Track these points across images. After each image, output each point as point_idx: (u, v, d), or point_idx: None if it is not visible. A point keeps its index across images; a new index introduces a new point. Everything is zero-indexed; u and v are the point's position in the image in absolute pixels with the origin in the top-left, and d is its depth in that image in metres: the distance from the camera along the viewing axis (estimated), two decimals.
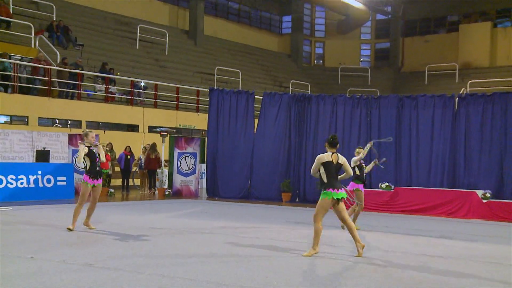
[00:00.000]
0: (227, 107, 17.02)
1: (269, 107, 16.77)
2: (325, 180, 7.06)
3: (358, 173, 9.80)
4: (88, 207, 9.00)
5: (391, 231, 10.15)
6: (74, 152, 15.93)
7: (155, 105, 21.52)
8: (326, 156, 7.19)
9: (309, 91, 28.99)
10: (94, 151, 8.90)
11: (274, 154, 16.47)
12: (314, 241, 7.05)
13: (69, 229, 8.63)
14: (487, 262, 7.10)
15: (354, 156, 10.00)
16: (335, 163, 7.16)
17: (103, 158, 8.91)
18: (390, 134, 15.46)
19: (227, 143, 16.94)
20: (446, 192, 13.68)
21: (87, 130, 9.32)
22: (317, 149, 16.08)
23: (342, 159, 7.24)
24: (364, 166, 10.13)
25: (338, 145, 7.36)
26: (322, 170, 7.09)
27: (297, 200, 16.09)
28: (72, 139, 16.06)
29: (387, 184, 14.30)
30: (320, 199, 7.09)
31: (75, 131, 17.83)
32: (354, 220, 9.61)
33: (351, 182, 9.96)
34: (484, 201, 12.95)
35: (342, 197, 7.06)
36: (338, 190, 7.04)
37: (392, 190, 14.15)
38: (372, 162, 10.67)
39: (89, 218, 8.99)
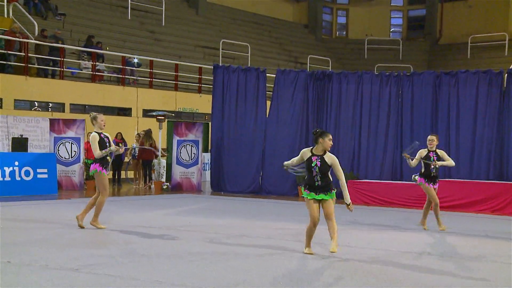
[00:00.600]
0: (234, 87, 17.03)
1: (283, 87, 16.77)
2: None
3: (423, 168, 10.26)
4: (92, 202, 9.13)
5: (426, 230, 10.11)
6: (57, 140, 16.04)
7: (151, 85, 21.58)
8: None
9: (330, 68, 28.86)
10: (104, 137, 9.16)
11: (290, 142, 16.47)
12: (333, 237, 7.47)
13: (97, 226, 9.03)
14: None
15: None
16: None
17: (113, 146, 9.15)
18: (425, 117, 15.43)
19: (235, 129, 16.96)
20: (491, 185, 13.61)
21: (95, 113, 9.54)
22: (339, 135, 16.09)
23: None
24: (430, 161, 10.03)
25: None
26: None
27: None
28: (54, 124, 16.15)
29: (417, 176, 14.22)
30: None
31: (57, 115, 17.93)
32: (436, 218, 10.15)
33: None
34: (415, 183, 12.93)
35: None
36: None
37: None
38: (404, 154, 10.39)
39: (98, 216, 9.20)
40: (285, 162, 7.86)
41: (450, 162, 10.20)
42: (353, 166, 15.90)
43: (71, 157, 16.07)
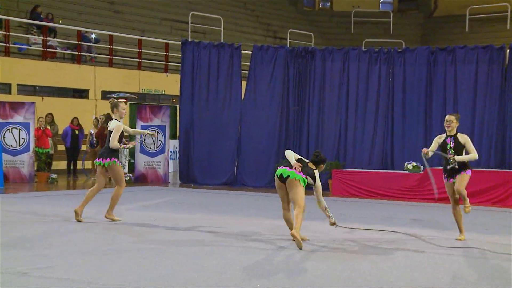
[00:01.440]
0: (205, 65, 16.97)
1: (260, 65, 16.73)
2: None
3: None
4: (91, 194, 9.66)
5: (420, 224, 10.17)
6: (2, 126, 15.80)
7: (110, 64, 21.40)
8: None
9: (313, 44, 28.83)
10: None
11: (268, 127, 16.47)
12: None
13: (113, 219, 9.57)
14: None
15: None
16: None
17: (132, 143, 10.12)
18: (419, 99, 15.53)
19: (206, 113, 16.91)
20: (492, 174, 13.76)
21: (116, 100, 10.05)
22: (323, 119, 16.14)
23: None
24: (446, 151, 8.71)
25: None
26: None
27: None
28: None
29: (414, 164, 14.35)
30: None
31: (3, 97, 17.64)
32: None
33: None
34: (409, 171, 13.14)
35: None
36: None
37: (421, 172, 14.18)
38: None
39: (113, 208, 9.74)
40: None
41: (472, 155, 8.70)
42: (338, 153, 15.96)
43: (19, 146, 15.85)
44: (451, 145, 8.64)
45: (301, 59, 16.51)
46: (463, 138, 8.69)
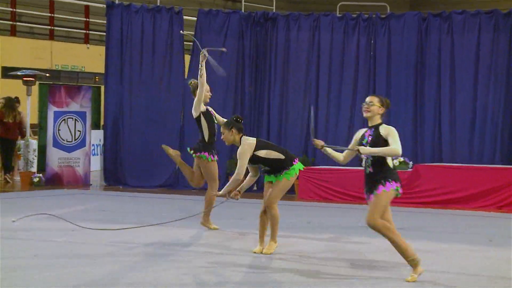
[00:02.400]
0: (137, 35, 16.95)
1: (208, 36, 16.71)
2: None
3: None
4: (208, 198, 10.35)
5: (409, 234, 10.27)
6: None
7: (13, 32, 21.18)
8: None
9: (274, 8, 28.79)
10: (210, 111, 10.45)
11: (219, 112, 16.26)
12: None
13: (210, 227, 10.27)
14: None
15: None
16: None
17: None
18: (407, 78, 15.76)
19: (140, 95, 16.88)
20: (498, 172, 13.95)
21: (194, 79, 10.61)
22: (287, 102, 16.23)
23: None
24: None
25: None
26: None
27: (255, 188, 16.06)
28: None
29: (401, 159, 14.47)
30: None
31: None
32: None
33: None
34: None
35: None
36: None
37: (410, 169, 14.34)
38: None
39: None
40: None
41: (389, 149, 7.19)
42: (306, 147, 16.04)
43: None
44: (368, 139, 7.38)
45: (260, 27, 16.58)
46: (387, 129, 7.28)
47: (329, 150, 7.79)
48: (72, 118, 16.91)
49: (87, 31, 22.48)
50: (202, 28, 16.78)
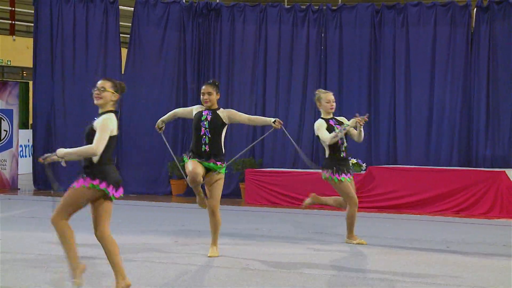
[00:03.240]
0: (69, 27, 16.93)
1: (146, 27, 16.86)
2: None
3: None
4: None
5: (369, 242, 10.51)
6: None
7: None
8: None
9: None
10: (334, 124, 10.20)
11: (159, 111, 16.31)
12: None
13: (358, 242, 10.10)
14: None
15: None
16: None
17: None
18: (360, 73, 15.88)
19: (72, 92, 16.82)
20: (455, 174, 14.19)
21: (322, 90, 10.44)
22: (233, 100, 16.24)
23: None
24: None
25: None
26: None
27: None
28: None
29: (354, 161, 14.67)
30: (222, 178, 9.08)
31: None
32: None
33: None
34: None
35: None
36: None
37: (363, 172, 14.64)
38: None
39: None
40: None
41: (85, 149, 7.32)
42: (254, 147, 16.06)
43: None
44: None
45: (202, 18, 16.67)
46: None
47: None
48: None
49: (13, 22, 22.28)
50: (140, 20, 16.81)
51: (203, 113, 8.89)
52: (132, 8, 17.13)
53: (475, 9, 15.48)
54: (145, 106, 16.57)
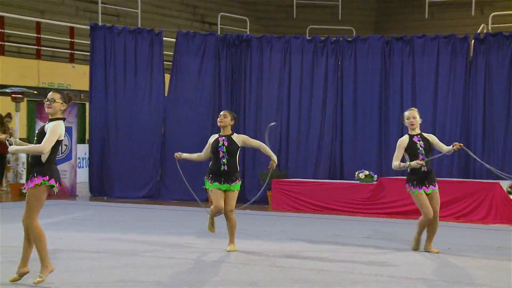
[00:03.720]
0: (120, 55, 16.93)
1: (186, 56, 16.82)
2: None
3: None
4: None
5: (375, 243, 10.43)
6: None
7: (2, 51, 21.01)
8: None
9: (248, 31, 28.96)
10: (417, 140, 9.51)
11: (198, 128, 16.45)
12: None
13: (433, 251, 9.35)
14: None
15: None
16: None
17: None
18: (372, 96, 15.82)
19: (123, 111, 16.84)
20: (455, 185, 14.06)
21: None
22: (261, 119, 16.23)
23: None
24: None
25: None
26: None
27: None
28: None
29: (367, 173, 14.62)
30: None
31: None
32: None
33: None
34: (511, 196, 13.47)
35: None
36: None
37: (374, 182, 14.50)
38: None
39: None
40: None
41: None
42: (279, 161, 15.94)
43: None
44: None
45: (235, 48, 16.62)
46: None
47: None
48: None
49: (72, 51, 22.39)
50: (181, 50, 16.82)
51: (219, 140, 9.30)
52: (174, 39, 17.13)
53: (473, 41, 15.41)
54: (185, 124, 16.57)
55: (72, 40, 22.37)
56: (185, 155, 9.86)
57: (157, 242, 10.10)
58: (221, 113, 9.49)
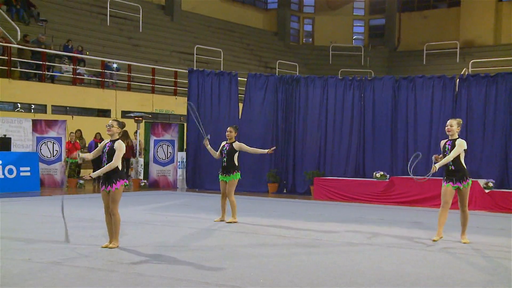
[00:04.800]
0: (208, 90, 16.98)
1: (254, 90, 16.78)
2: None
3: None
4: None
5: (387, 223, 10.22)
6: (39, 140, 15.78)
7: (129, 88, 21.39)
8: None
9: (297, 72, 28.96)
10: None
11: (261, 142, 16.43)
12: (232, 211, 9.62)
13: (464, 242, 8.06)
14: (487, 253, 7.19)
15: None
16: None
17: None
18: (385, 119, 15.59)
19: (210, 129, 16.84)
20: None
21: None
22: (306, 135, 16.14)
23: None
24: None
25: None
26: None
27: (285, 191, 16.14)
28: (36, 125, 15.89)
29: (381, 173, 14.40)
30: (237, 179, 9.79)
31: (39, 116, 17.63)
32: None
33: None
34: (487, 191, 13.06)
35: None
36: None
37: (387, 180, 14.23)
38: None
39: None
40: None
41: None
42: (319, 164, 15.97)
43: (53, 156, 15.82)
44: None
45: (288, 85, 16.53)
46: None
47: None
48: (165, 144, 17.08)
49: (176, 88, 22.69)
50: (250, 86, 16.76)
51: (225, 146, 9.93)
52: (246, 79, 17.15)
53: (458, 80, 15.05)
54: (253, 139, 16.37)
55: (176, 79, 22.67)
56: (209, 147, 10.12)
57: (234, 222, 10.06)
58: (228, 129, 10.04)
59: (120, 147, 6.97)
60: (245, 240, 8.03)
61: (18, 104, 18.43)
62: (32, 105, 18.76)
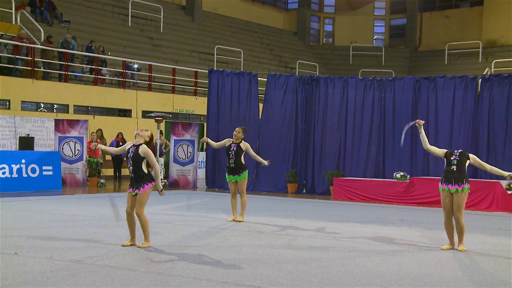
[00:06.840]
0: (228, 90, 16.98)
1: (274, 90, 16.75)
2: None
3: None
4: None
5: (407, 224, 10.13)
6: (61, 140, 15.94)
7: (149, 88, 21.49)
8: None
9: (317, 73, 28.86)
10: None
11: (281, 142, 16.43)
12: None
13: None
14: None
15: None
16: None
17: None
18: (406, 119, 15.41)
19: (229, 129, 16.80)
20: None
21: None
22: (326, 135, 16.07)
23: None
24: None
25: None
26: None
27: (304, 191, 16.09)
28: (58, 125, 16.06)
29: (402, 173, 14.28)
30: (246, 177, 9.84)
31: (61, 116, 17.82)
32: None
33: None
34: (509, 192, 12.88)
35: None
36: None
37: (407, 181, 14.10)
38: None
39: None
40: None
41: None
42: (338, 164, 15.89)
43: (75, 156, 15.98)
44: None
45: (308, 85, 16.48)
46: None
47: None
48: (185, 144, 17.13)
49: (196, 88, 22.72)
50: (270, 86, 16.73)
51: (232, 146, 9.88)
52: (266, 79, 17.11)
53: (480, 80, 14.87)
54: (273, 139, 16.50)
55: (196, 80, 22.72)
56: (210, 141, 10.27)
57: (250, 221, 10.05)
58: (236, 129, 10.07)
59: (148, 153, 7.11)
60: (264, 240, 8.01)
61: (41, 104, 18.66)
62: (55, 105, 18.96)
